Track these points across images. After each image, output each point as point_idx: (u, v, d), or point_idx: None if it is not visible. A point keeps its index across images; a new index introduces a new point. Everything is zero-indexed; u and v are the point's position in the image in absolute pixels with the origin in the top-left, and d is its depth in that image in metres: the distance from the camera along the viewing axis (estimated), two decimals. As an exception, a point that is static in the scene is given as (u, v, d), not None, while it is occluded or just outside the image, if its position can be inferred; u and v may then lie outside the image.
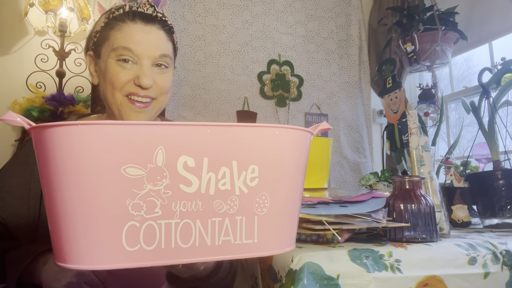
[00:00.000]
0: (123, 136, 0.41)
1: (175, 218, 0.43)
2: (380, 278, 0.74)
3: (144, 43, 0.76)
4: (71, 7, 1.81)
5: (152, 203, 0.42)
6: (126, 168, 0.41)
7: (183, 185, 0.43)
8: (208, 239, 0.44)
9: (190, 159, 0.43)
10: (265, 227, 0.47)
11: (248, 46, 2.11)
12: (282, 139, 0.48)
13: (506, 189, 1.25)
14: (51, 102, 1.68)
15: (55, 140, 0.41)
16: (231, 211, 0.45)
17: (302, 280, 0.70)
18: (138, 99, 0.77)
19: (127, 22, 0.77)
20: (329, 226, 0.81)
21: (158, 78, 0.78)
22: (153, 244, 0.42)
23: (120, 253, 0.41)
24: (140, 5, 0.79)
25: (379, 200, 0.96)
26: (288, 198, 0.49)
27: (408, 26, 1.89)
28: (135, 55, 0.76)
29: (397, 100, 1.53)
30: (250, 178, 0.45)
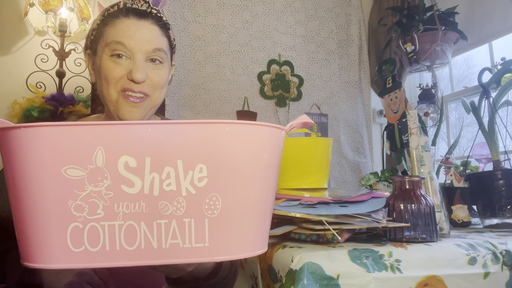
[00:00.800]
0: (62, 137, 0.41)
1: (118, 219, 0.42)
2: (380, 278, 0.74)
3: (137, 38, 0.76)
4: (71, 7, 1.81)
5: (94, 204, 0.41)
6: (67, 169, 0.41)
7: (125, 186, 0.42)
8: (155, 242, 0.43)
9: (132, 159, 0.42)
10: (217, 230, 0.44)
11: (248, 46, 2.11)
12: (235, 137, 0.45)
13: (506, 189, 1.25)
14: (51, 102, 1.68)
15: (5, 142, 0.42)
16: (178, 213, 0.43)
17: (302, 280, 0.70)
18: (132, 94, 0.76)
19: (121, 17, 0.77)
20: (329, 226, 0.81)
21: (152, 73, 0.78)
22: (97, 245, 0.42)
23: (66, 253, 0.41)
24: (135, 2, 0.79)
25: (379, 200, 0.96)
26: (248, 199, 0.46)
27: (408, 26, 1.89)
28: (128, 50, 0.75)
29: (397, 100, 1.53)
30: (198, 178, 0.43)
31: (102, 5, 1.86)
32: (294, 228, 0.88)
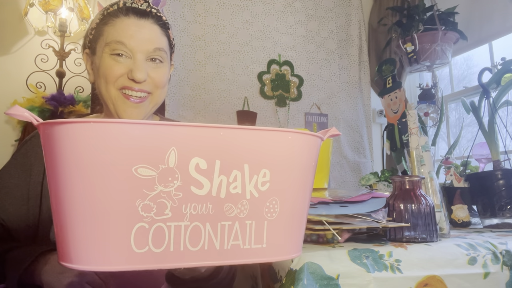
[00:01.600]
0: (137, 136, 0.40)
1: (185, 220, 0.42)
2: (380, 278, 0.74)
3: (137, 37, 0.75)
4: (71, 7, 1.81)
5: (162, 204, 0.41)
6: (138, 168, 0.40)
7: (195, 187, 0.42)
8: (218, 243, 0.44)
9: (203, 161, 0.42)
10: (274, 232, 0.46)
11: (248, 46, 2.11)
12: (294, 144, 0.47)
13: (506, 189, 1.25)
14: (51, 102, 1.68)
15: (65, 137, 0.39)
16: (241, 215, 0.44)
17: (302, 280, 0.70)
18: (133, 94, 0.76)
19: (121, 17, 0.76)
20: (329, 226, 0.81)
21: (152, 72, 0.77)
22: (161, 246, 0.41)
23: (127, 254, 0.40)
24: (134, 1, 0.78)
25: (379, 200, 0.96)
26: (298, 204, 0.48)
27: (408, 26, 1.89)
28: (128, 49, 0.75)
29: (397, 100, 1.53)
30: (261, 182, 0.45)
31: (102, 5, 1.86)
32: (294, 228, 0.88)
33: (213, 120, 1.99)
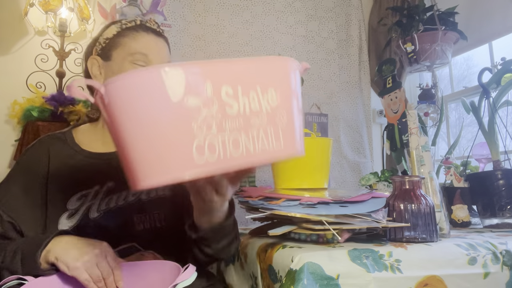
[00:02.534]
0: (188, 75, 0.51)
1: (227, 133, 0.53)
2: (380, 278, 0.74)
3: (156, 52, 0.89)
4: (71, 7, 1.81)
5: (209, 124, 0.52)
6: (188, 99, 0.51)
7: (228, 107, 0.54)
8: (251, 147, 0.55)
9: (229, 88, 0.54)
10: (286, 135, 0.59)
11: (248, 46, 2.11)
12: (285, 67, 0.60)
13: (506, 189, 1.25)
14: (51, 102, 1.67)
15: (134, 91, 0.49)
16: (263, 125, 0.57)
17: (302, 280, 0.70)
18: None
19: (141, 32, 0.89)
20: (329, 226, 0.81)
21: None
22: (214, 155, 0.52)
23: (191, 166, 0.50)
24: (147, 21, 0.92)
25: (379, 200, 0.96)
26: (296, 113, 0.62)
27: (408, 26, 1.89)
28: (149, 60, 0.87)
29: (397, 100, 1.53)
30: (271, 99, 0.58)
31: (102, 5, 1.87)
32: (294, 228, 0.88)
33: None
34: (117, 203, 0.86)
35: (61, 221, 0.82)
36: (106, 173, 0.88)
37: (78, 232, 0.81)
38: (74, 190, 0.85)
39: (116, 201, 0.86)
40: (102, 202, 0.85)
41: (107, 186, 0.87)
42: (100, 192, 0.86)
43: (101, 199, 0.85)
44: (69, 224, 0.82)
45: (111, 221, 0.84)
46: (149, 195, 0.89)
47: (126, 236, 0.84)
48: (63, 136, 0.94)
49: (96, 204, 0.85)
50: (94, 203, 0.85)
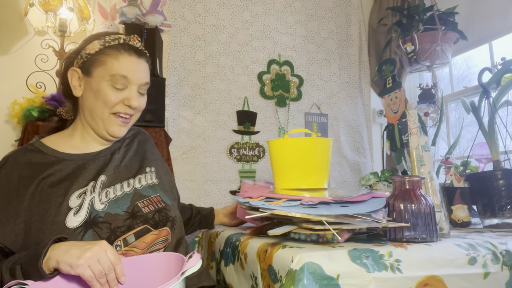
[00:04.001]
0: None
1: None
2: (380, 278, 0.74)
3: (137, 73, 0.94)
4: (71, 7, 1.81)
5: None
6: None
7: None
8: None
9: None
10: None
11: (248, 46, 2.11)
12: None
13: (506, 189, 1.25)
14: (51, 102, 1.67)
15: None
16: None
17: (302, 280, 0.70)
18: (124, 116, 0.95)
19: (123, 53, 0.92)
20: (329, 226, 0.81)
21: (139, 100, 0.96)
22: None
23: None
24: (131, 39, 0.95)
25: (379, 200, 0.96)
26: None
27: (408, 26, 1.89)
28: (128, 82, 0.93)
29: (397, 100, 1.53)
30: None
31: (102, 5, 1.87)
32: (294, 228, 0.88)
33: (213, 120, 1.99)
34: (116, 194, 0.91)
35: (68, 219, 0.83)
36: (96, 170, 0.94)
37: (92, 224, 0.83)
38: (71, 190, 0.87)
39: (114, 193, 0.91)
40: (101, 194, 0.89)
41: (100, 180, 0.92)
42: (96, 186, 0.90)
43: (99, 191, 0.90)
44: (78, 219, 0.83)
45: (119, 209, 0.88)
46: (141, 183, 0.97)
47: (138, 219, 0.89)
48: (34, 148, 0.94)
49: (97, 197, 0.89)
50: (95, 196, 0.88)
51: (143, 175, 1.00)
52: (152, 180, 1.00)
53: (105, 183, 0.92)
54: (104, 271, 0.71)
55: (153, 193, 0.97)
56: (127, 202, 0.91)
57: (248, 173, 1.99)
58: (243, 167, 2.00)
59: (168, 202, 0.98)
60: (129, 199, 0.92)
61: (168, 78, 1.90)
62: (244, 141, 2.03)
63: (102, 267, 0.70)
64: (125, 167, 0.99)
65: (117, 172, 0.96)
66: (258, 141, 2.05)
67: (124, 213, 0.88)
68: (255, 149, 2.03)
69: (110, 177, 0.94)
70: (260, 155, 2.04)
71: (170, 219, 0.95)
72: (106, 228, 0.84)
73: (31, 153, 0.92)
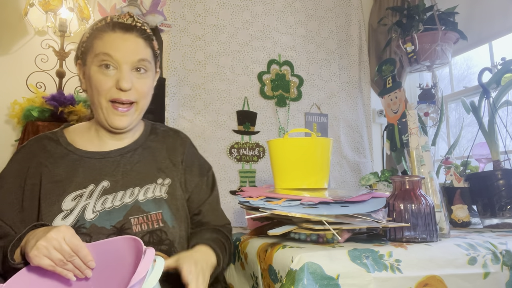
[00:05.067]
0: None
1: None
2: (380, 278, 0.74)
3: (123, 49, 0.84)
4: (71, 7, 1.81)
5: None
6: None
7: None
8: None
9: None
10: None
11: (248, 46, 2.11)
12: None
13: (506, 189, 1.25)
14: (51, 102, 1.67)
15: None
16: None
17: (302, 280, 0.70)
18: (121, 106, 0.86)
19: (108, 31, 0.86)
20: (329, 226, 0.81)
21: (137, 83, 0.87)
22: None
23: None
24: (121, 17, 0.88)
25: (379, 200, 0.96)
26: None
27: (408, 26, 1.89)
28: (115, 61, 0.84)
29: (397, 100, 1.53)
30: None
31: (102, 5, 1.86)
32: (294, 228, 0.88)
33: (213, 120, 1.99)
34: (113, 203, 0.84)
35: (55, 222, 0.80)
36: (101, 172, 0.87)
37: None
38: (68, 190, 0.84)
39: (112, 202, 0.84)
40: (97, 202, 0.83)
41: (102, 186, 0.86)
42: (95, 191, 0.85)
43: (96, 198, 0.84)
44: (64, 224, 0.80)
45: (108, 222, 0.82)
46: (146, 196, 0.87)
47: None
48: (55, 136, 0.93)
49: (92, 204, 0.83)
50: (89, 203, 0.83)
51: (152, 185, 0.89)
52: (160, 194, 0.89)
53: (106, 189, 0.86)
54: (64, 258, 0.66)
55: (155, 209, 0.86)
56: (120, 216, 0.83)
57: (248, 173, 1.99)
58: (243, 167, 2.00)
59: (169, 222, 0.86)
60: (124, 212, 0.83)
61: (168, 78, 1.90)
62: (244, 141, 2.03)
63: (62, 254, 0.66)
64: (136, 173, 0.90)
65: (125, 178, 0.88)
66: (258, 141, 2.05)
67: (111, 228, 0.81)
68: (255, 149, 2.03)
69: (115, 183, 0.86)
70: (260, 155, 2.04)
71: (166, 242, 0.85)
72: (85, 241, 0.75)
73: (49, 141, 0.91)
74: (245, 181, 1.97)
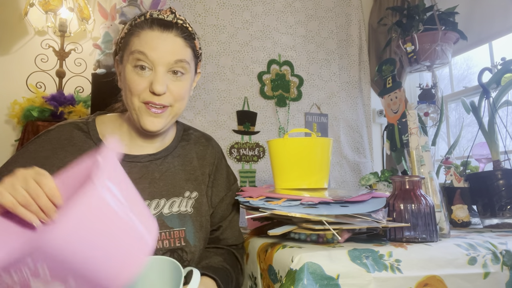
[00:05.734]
0: None
1: None
2: (380, 278, 0.74)
3: (159, 49, 0.79)
4: (71, 7, 1.81)
5: None
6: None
7: None
8: None
9: None
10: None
11: (248, 46, 2.11)
12: None
13: (506, 189, 1.25)
14: (51, 102, 1.68)
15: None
16: None
17: (302, 280, 0.70)
18: (154, 107, 0.80)
19: (145, 29, 0.80)
20: (329, 226, 0.81)
21: (173, 85, 0.81)
22: None
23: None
24: (161, 12, 0.82)
25: (379, 200, 0.96)
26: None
27: (408, 26, 1.89)
28: (150, 61, 0.78)
29: (397, 100, 1.53)
30: None
31: (102, 5, 1.87)
32: (294, 228, 0.88)
33: (213, 120, 1.99)
34: None
35: None
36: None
37: None
38: None
39: None
40: None
41: None
42: None
43: None
44: None
45: None
46: (172, 210, 0.84)
47: None
48: (86, 127, 0.87)
49: None
50: None
51: (178, 199, 0.86)
52: (186, 209, 0.85)
53: None
54: (30, 195, 0.58)
55: (179, 226, 0.83)
56: None
57: (248, 173, 1.99)
58: (243, 167, 2.00)
59: (191, 241, 0.83)
60: None
61: (168, 78, 1.90)
62: (244, 141, 2.03)
63: (28, 192, 0.58)
64: (164, 183, 0.86)
65: (152, 186, 0.85)
66: (258, 141, 2.05)
67: None
68: (255, 149, 2.03)
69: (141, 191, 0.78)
70: (260, 155, 2.04)
71: (185, 263, 0.82)
72: None
73: (78, 132, 0.86)
74: (245, 181, 1.97)
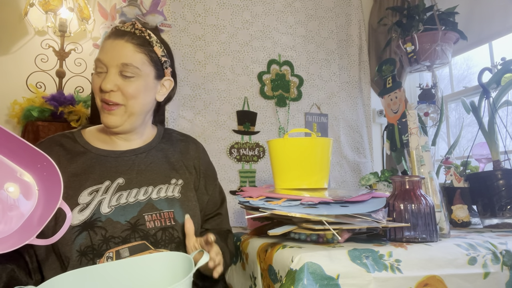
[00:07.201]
0: None
1: None
2: (380, 278, 0.74)
3: (109, 53, 0.89)
4: (71, 7, 1.81)
5: None
6: None
7: None
8: None
9: None
10: None
11: (248, 46, 2.11)
12: None
13: (506, 189, 1.25)
14: (51, 102, 1.67)
15: None
16: None
17: (302, 280, 0.70)
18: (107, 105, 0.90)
19: (106, 39, 0.92)
20: (329, 226, 0.81)
21: (123, 85, 0.89)
22: None
23: None
24: (124, 25, 0.93)
25: (379, 200, 0.96)
26: None
27: (408, 26, 1.89)
28: (104, 64, 0.89)
29: (397, 100, 1.53)
30: None
31: (102, 5, 1.87)
32: (294, 228, 0.88)
33: (213, 120, 1.99)
34: (128, 200, 0.88)
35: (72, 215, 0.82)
36: (116, 170, 0.91)
37: (89, 226, 0.82)
38: (85, 185, 0.87)
39: (126, 198, 0.88)
40: (112, 197, 0.87)
41: (117, 182, 0.90)
42: (110, 187, 0.89)
43: (111, 194, 0.88)
44: (80, 218, 0.83)
45: (122, 217, 0.85)
46: (159, 195, 0.91)
47: (137, 233, 0.85)
48: (72, 135, 0.97)
49: (107, 199, 0.87)
50: (105, 198, 0.87)
51: (165, 185, 0.93)
52: (173, 194, 0.93)
53: (121, 185, 0.89)
54: None
55: (167, 208, 0.90)
56: (134, 212, 0.87)
57: (248, 173, 1.99)
58: (243, 167, 2.00)
59: (180, 220, 0.90)
60: (138, 208, 0.87)
61: (168, 78, 1.90)
62: (244, 141, 2.03)
63: None
64: (150, 173, 0.94)
65: (139, 176, 0.92)
66: (258, 141, 2.05)
67: (126, 223, 0.85)
68: (255, 149, 2.03)
69: (130, 181, 0.90)
70: (260, 155, 2.03)
71: (177, 240, 0.88)
72: (100, 234, 0.82)
73: (66, 139, 0.95)
74: (245, 181, 1.97)
